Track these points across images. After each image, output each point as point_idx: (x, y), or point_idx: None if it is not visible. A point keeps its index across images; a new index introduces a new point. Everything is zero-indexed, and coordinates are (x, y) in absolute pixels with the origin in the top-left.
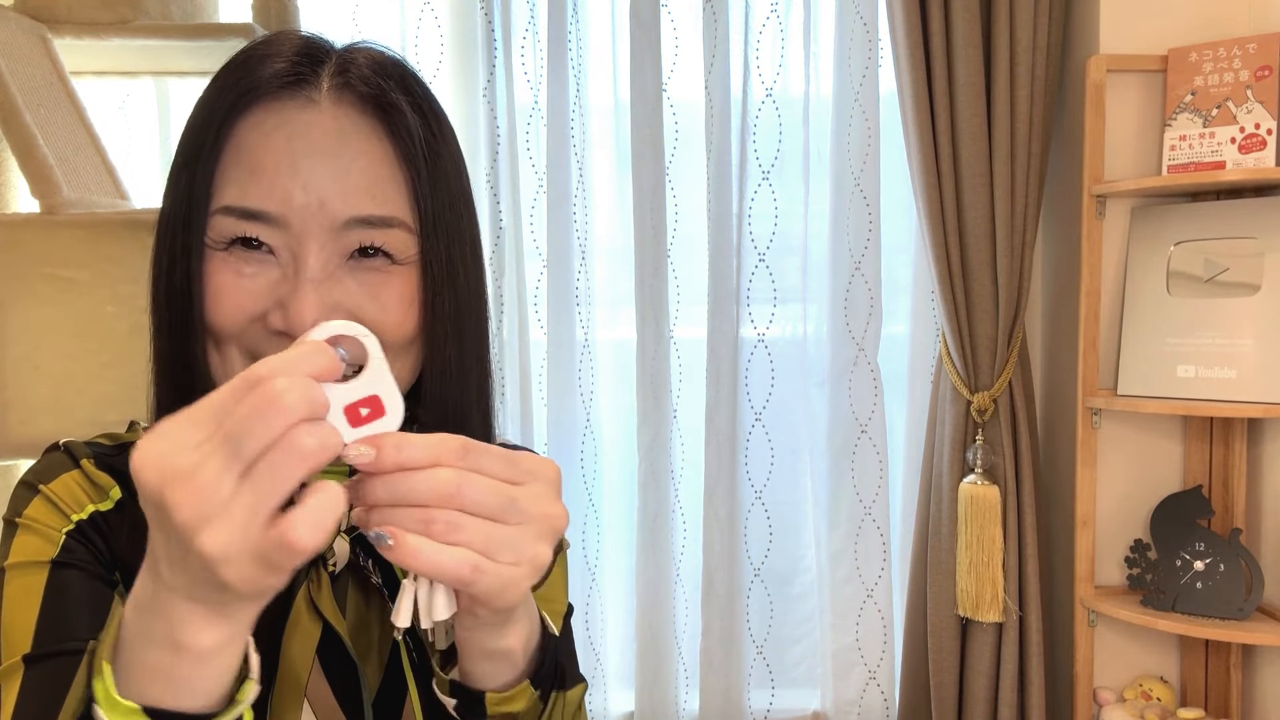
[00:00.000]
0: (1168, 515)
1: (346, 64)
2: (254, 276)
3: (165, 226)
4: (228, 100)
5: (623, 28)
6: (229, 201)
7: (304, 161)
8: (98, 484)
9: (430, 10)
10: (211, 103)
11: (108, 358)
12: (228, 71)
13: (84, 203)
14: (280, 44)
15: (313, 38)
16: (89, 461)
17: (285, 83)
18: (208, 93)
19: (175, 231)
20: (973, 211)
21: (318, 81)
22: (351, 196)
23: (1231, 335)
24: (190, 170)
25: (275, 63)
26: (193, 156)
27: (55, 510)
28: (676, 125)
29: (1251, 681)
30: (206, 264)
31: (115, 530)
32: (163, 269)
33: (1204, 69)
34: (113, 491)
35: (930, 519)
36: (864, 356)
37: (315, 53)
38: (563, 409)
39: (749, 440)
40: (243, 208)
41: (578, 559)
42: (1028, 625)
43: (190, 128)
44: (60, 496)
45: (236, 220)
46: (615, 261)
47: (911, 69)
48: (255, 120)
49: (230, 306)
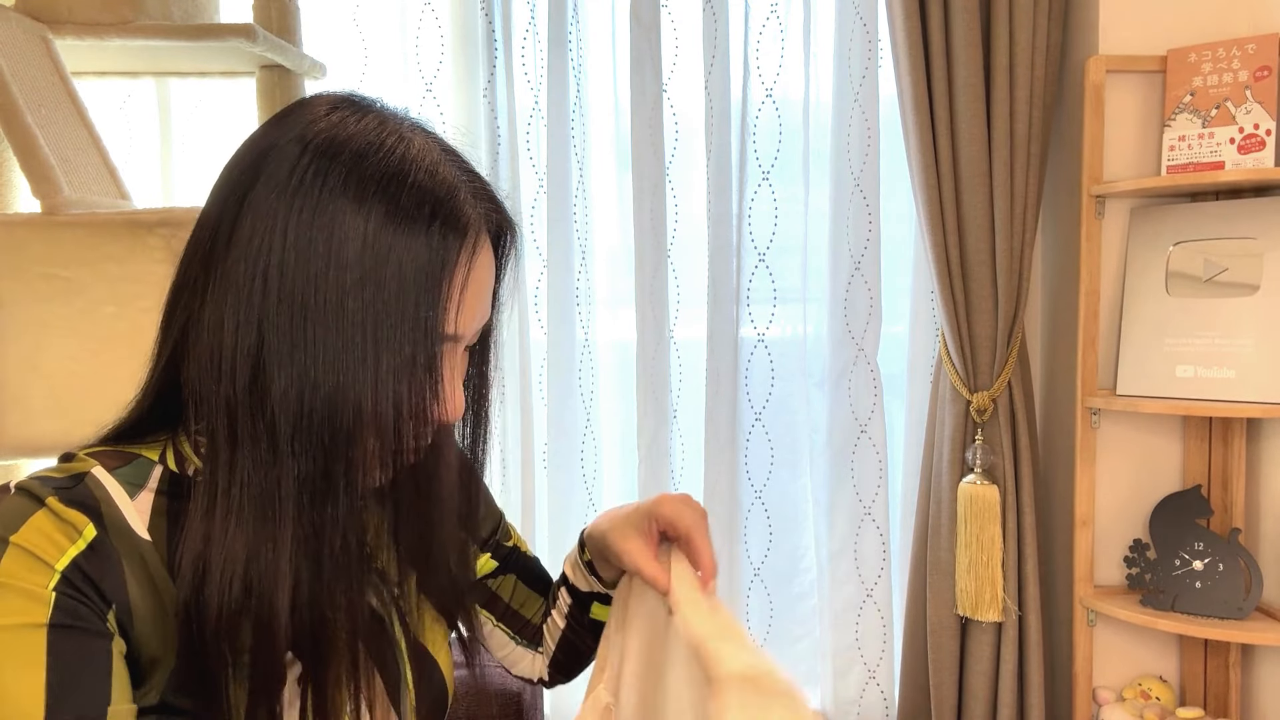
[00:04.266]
0: (1167, 515)
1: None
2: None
3: (378, 330)
4: (460, 239)
5: (623, 28)
6: (455, 333)
7: (489, 291)
8: (69, 522)
9: (430, 11)
10: (434, 237)
11: (108, 358)
12: (437, 201)
13: (85, 203)
14: (474, 179)
15: (478, 176)
16: (54, 499)
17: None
18: (413, 214)
19: (400, 341)
20: (972, 212)
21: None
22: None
23: (1230, 335)
24: (429, 298)
25: (482, 203)
26: (426, 288)
27: (33, 561)
28: (676, 125)
29: (1250, 681)
30: (443, 368)
31: (99, 570)
32: (383, 370)
33: (1203, 69)
34: (86, 530)
35: (930, 519)
36: (864, 356)
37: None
38: (563, 409)
39: (749, 440)
40: (457, 335)
41: None
42: (1027, 625)
43: (409, 254)
44: (34, 546)
45: (454, 343)
46: (615, 261)
47: (911, 70)
48: (481, 258)
49: (455, 408)
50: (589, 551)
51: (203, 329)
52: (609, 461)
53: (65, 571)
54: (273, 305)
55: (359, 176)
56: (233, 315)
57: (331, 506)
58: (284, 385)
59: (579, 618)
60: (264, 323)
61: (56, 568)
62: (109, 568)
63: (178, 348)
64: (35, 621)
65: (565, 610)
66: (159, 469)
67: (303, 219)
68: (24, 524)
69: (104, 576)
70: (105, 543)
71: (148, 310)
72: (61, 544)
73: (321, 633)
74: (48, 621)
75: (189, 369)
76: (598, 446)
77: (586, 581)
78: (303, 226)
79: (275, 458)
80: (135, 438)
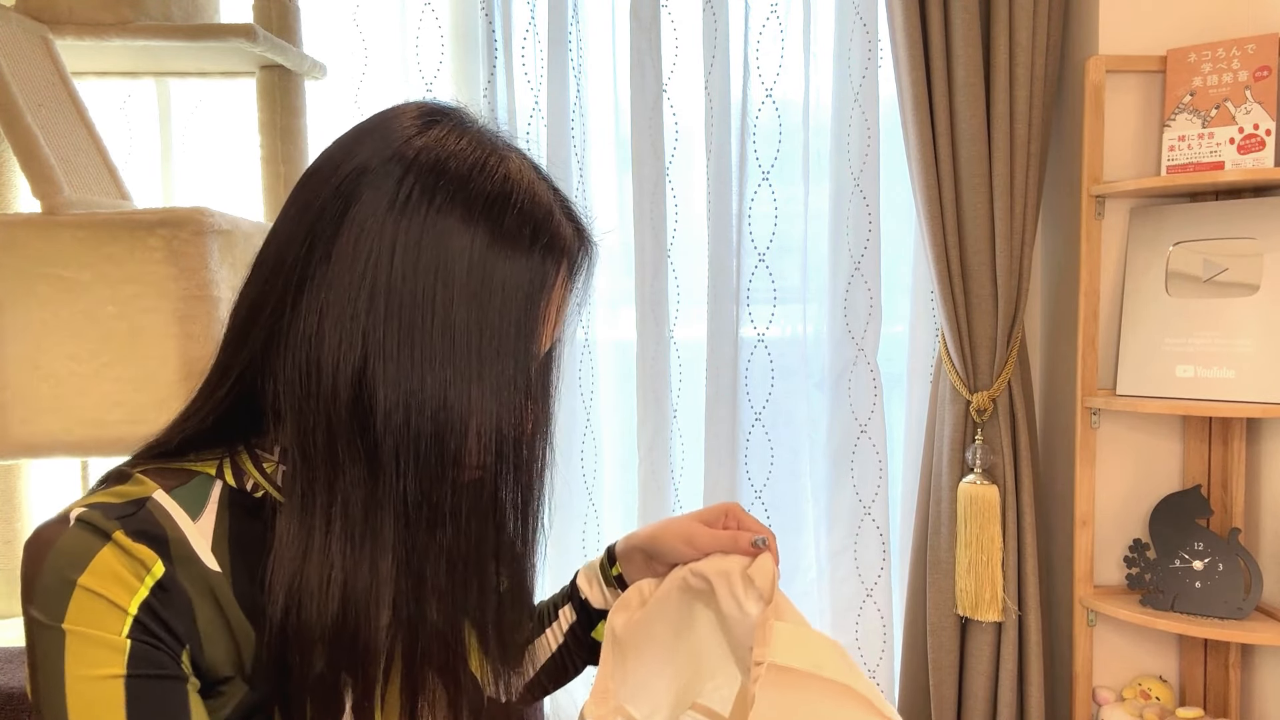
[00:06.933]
0: (1167, 515)
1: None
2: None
3: (503, 354)
4: (557, 261)
5: (623, 28)
6: (544, 350)
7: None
8: (138, 559)
9: (430, 11)
10: (535, 258)
11: (108, 358)
12: (537, 223)
13: (85, 203)
14: (562, 199)
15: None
16: (120, 533)
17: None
18: (518, 234)
19: (503, 362)
20: (972, 212)
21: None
22: None
23: (1230, 335)
24: (529, 319)
25: (571, 223)
26: (526, 308)
27: (104, 605)
28: (676, 125)
29: (1250, 681)
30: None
31: (170, 611)
32: (502, 398)
33: (1203, 69)
34: (155, 567)
35: (929, 518)
36: (864, 356)
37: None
38: (563, 409)
39: (749, 440)
40: (540, 355)
41: (578, 559)
42: (1027, 625)
43: (513, 280)
44: (104, 589)
45: (537, 361)
46: (615, 261)
47: (911, 70)
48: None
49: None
50: (621, 563)
51: (296, 344)
52: (609, 461)
53: (138, 616)
54: (379, 323)
55: (466, 196)
56: (334, 331)
57: (436, 526)
58: (390, 404)
59: (580, 636)
60: (369, 340)
61: (129, 611)
62: (179, 607)
63: (253, 362)
64: (114, 673)
65: (565, 628)
66: (219, 485)
67: (410, 238)
68: (90, 563)
69: (176, 617)
70: (174, 580)
71: (148, 310)
72: (131, 584)
73: (417, 655)
74: (125, 673)
75: (277, 384)
76: (598, 446)
77: (604, 597)
78: (410, 246)
79: (376, 476)
80: (183, 452)
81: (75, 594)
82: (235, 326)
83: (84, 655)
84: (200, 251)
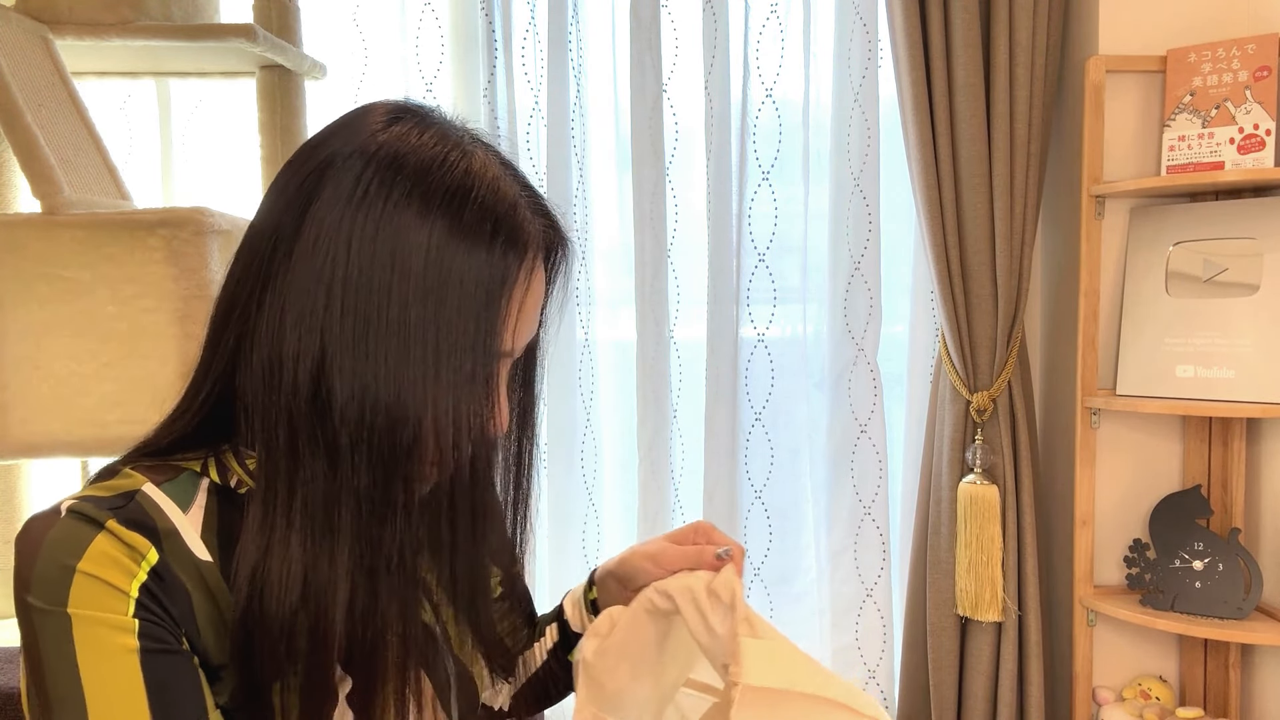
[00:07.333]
0: (1167, 515)
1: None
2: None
3: (439, 349)
4: (520, 256)
5: (623, 28)
6: (509, 349)
7: (540, 307)
8: (131, 545)
9: (430, 11)
10: (495, 254)
11: (108, 358)
12: (499, 218)
13: (85, 203)
14: (531, 194)
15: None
16: (113, 521)
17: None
18: (476, 229)
19: (460, 357)
20: (972, 212)
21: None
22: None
23: (1230, 335)
24: (489, 314)
25: (539, 218)
26: (486, 304)
27: (106, 589)
28: (676, 125)
29: (1250, 681)
30: (499, 384)
31: (167, 595)
32: (443, 386)
33: (1203, 69)
34: (149, 554)
35: (929, 519)
36: (864, 356)
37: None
38: (563, 409)
39: (749, 440)
40: (512, 350)
41: (578, 559)
42: (1027, 625)
43: (471, 266)
44: (103, 572)
45: (507, 359)
46: (615, 261)
47: (911, 70)
48: (537, 275)
49: (503, 422)
50: (596, 589)
51: (261, 341)
52: (609, 461)
53: (139, 598)
54: (335, 318)
55: (423, 191)
56: (294, 327)
57: (389, 520)
58: (345, 398)
59: (560, 656)
60: (326, 335)
61: (130, 594)
62: (175, 592)
63: (230, 361)
64: (128, 647)
65: (550, 646)
66: (205, 481)
67: (366, 233)
68: (87, 549)
69: (173, 602)
70: (168, 567)
71: (148, 310)
72: (129, 568)
73: (375, 646)
74: (138, 648)
75: (245, 381)
76: (598, 446)
77: (583, 621)
78: (366, 240)
79: (335, 470)
80: (171, 452)
81: (76, 579)
82: (214, 327)
83: (93, 636)
84: (200, 252)
